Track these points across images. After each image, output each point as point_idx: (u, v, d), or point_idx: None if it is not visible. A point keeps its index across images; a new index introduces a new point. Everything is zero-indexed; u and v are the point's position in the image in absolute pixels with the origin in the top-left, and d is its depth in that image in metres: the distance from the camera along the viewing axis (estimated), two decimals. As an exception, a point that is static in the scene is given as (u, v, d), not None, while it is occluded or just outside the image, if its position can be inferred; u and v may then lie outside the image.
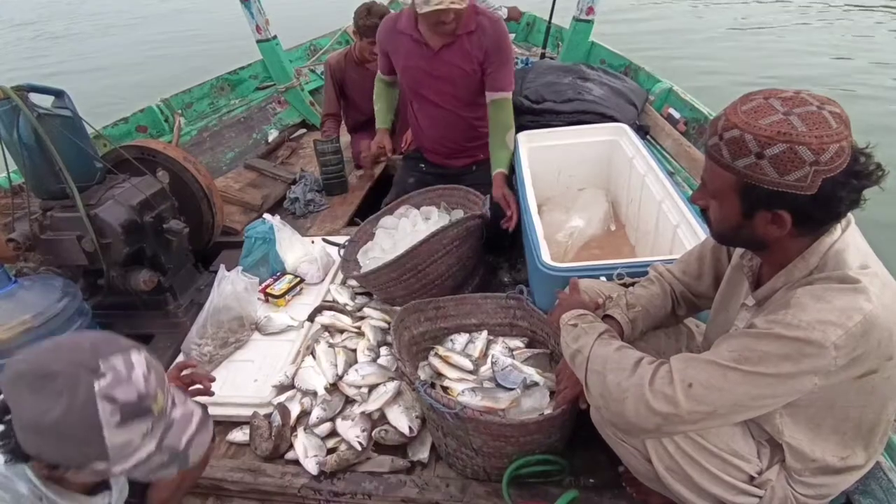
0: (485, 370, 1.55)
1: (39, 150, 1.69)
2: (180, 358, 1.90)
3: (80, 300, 1.76)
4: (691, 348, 1.38)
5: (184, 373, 1.25)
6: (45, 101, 1.78)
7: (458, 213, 2.15)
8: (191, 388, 1.22)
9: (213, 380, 1.28)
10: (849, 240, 0.92)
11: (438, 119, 2.40)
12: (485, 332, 1.72)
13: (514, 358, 1.57)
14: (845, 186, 0.83)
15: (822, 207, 0.86)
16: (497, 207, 2.02)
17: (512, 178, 2.16)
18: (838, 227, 0.92)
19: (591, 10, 3.41)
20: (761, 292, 1.01)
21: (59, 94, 1.80)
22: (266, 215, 2.31)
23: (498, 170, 2.18)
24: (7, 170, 1.69)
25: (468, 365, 1.55)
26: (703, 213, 1.01)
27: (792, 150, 0.82)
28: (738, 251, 1.12)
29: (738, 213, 0.92)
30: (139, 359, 0.87)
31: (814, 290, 0.88)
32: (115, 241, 1.82)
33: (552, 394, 1.43)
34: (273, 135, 3.73)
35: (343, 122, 3.34)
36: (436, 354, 1.61)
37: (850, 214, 0.93)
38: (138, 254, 1.93)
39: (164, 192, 2.01)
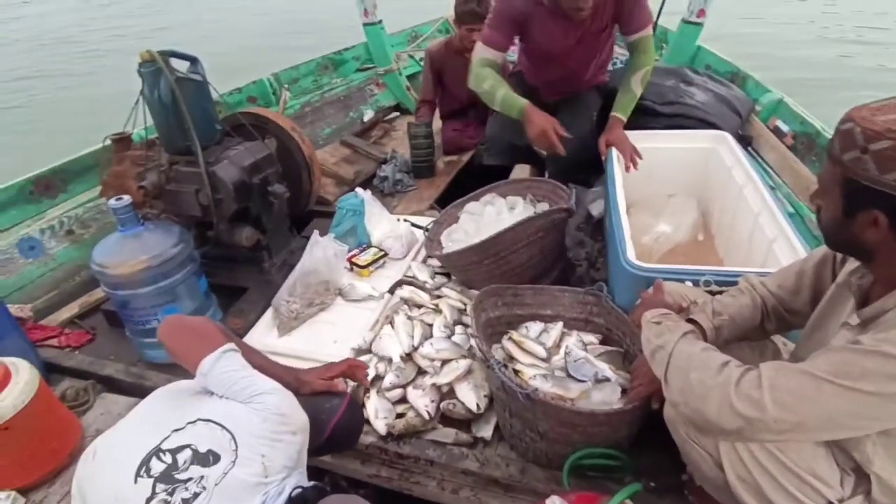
0: (557, 360, 1.57)
1: (174, 109, 1.88)
2: (270, 311, 2.05)
3: (192, 248, 1.94)
4: (777, 364, 1.33)
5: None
6: (181, 66, 1.97)
7: (543, 206, 2.16)
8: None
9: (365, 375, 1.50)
10: None
11: (559, 76, 2.48)
12: (560, 324, 1.73)
13: (587, 352, 1.58)
14: None
15: None
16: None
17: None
18: None
19: (702, 13, 3.29)
20: (868, 311, 0.97)
21: (193, 60, 1.98)
22: (358, 189, 2.43)
23: (615, 114, 2.25)
24: (145, 124, 1.89)
25: (541, 352, 1.58)
26: (818, 216, 1.00)
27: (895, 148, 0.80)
28: (847, 269, 1.08)
29: (840, 210, 0.92)
30: None
31: None
32: (227, 198, 1.98)
33: (623, 391, 1.43)
34: (369, 115, 3.89)
35: (437, 108, 3.43)
36: (510, 338, 1.64)
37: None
38: (244, 212, 2.09)
39: (272, 158, 2.17)
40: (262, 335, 1.98)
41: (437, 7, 5.30)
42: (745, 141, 2.72)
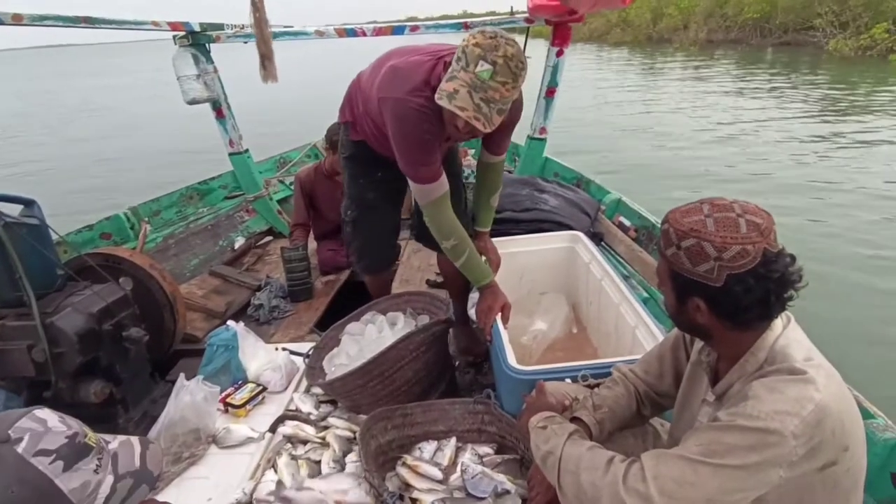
0: (454, 479, 1.50)
1: (1, 258, 1.68)
2: (127, 478, 1.76)
3: (23, 415, 1.65)
4: (658, 448, 1.38)
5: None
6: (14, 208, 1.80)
7: (424, 319, 2.17)
8: None
9: None
10: (790, 335, 1.00)
11: None
12: (453, 439, 1.68)
13: (483, 465, 1.54)
14: (746, 284, 0.93)
15: (730, 300, 0.96)
16: None
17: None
18: (779, 324, 1.00)
19: (543, 130, 3.73)
20: (720, 387, 1.06)
21: (29, 203, 1.82)
22: (230, 322, 2.28)
23: (484, 229, 2.24)
24: None
25: (437, 474, 1.50)
26: (664, 302, 1.11)
27: (699, 244, 0.95)
28: (697, 348, 1.19)
29: (673, 297, 1.05)
30: (45, 412, 0.86)
31: (767, 382, 0.94)
32: (69, 351, 1.75)
33: (524, 501, 1.39)
34: (239, 242, 3.77)
35: (311, 230, 3.43)
36: (404, 464, 1.56)
37: (788, 312, 1.02)
38: (92, 363, 1.85)
39: (127, 300, 1.98)
40: (117, 508, 1.67)
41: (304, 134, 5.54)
42: (598, 237, 3.02)
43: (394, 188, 2.23)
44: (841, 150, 8.57)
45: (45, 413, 0.85)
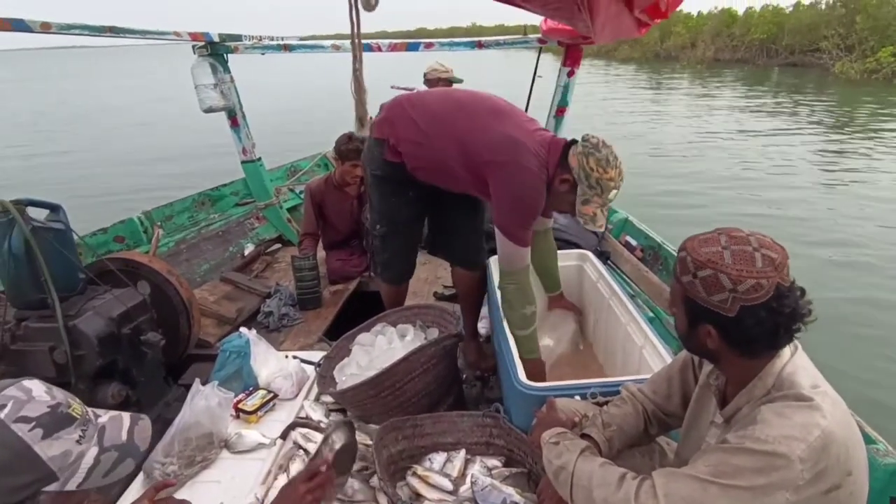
0: (464, 490, 1.53)
1: (28, 261, 1.73)
2: (140, 478, 1.80)
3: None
4: (664, 466, 1.42)
5: (158, 496, 1.20)
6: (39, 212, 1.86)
7: (433, 332, 2.21)
8: None
9: None
10: (798, 362, 1.04)
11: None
12: (462, 451, 1.71)
13: (492, 477, 1.57)
14: (757, 316, 0.97)
15: (740, 330, 1.00)
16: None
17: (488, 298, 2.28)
18: (787, 352, 1.04)
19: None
20: (728, 410, 1.10)
21: (55, 208, 1.87)
22: (242, 329, 2.32)
23: (559, 292, 2.47)
24: None
25: (448, 485, 1.54)
26: (675, 323, 1.15)
27: (715, 275, 0.98)
28: (706, 371, 1.23)
29: (685, 321, 1.08)
30: (32, 383, 0.88)
31: (775, 407, 0.98)
32: (90, 353, 1.79)
33: (533, 516, 1.42)
34: (249, 248, 3.82)
35: (320, 239, 3.48)
36: (414, 474, 1.59)
37: (796, 341, 1.06)
38: (111, 366, 1.89)
39: (145, 304, 2.03)
40: (130, 510, 1.71)
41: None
42: (605, 256, 3.07)
43: (425, 205, 2.33)
44: (848, 172, 8.66)
45: (32, 383, 0.88)
